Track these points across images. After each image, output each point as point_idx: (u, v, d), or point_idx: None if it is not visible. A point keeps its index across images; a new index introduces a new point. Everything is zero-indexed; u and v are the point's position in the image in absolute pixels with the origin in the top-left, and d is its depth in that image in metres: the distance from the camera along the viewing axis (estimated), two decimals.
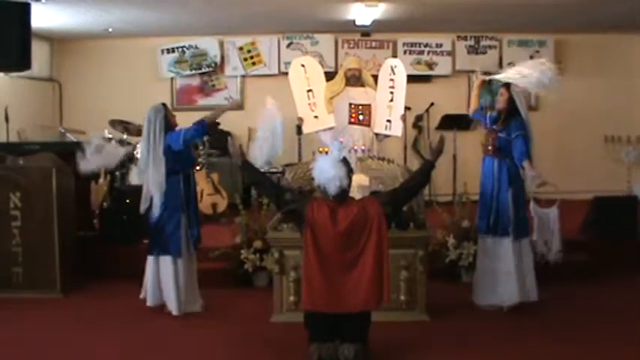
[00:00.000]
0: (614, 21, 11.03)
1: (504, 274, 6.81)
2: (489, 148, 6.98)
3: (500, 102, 6.97)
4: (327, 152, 6.35)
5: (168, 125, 6.82)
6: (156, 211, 6.82)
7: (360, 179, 6.90)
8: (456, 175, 11.36)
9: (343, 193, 5.39)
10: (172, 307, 6.90)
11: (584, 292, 7.58)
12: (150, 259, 7.00)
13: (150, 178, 6.76)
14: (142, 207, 6.89)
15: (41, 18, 9.67)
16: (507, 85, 6.95)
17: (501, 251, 6.85)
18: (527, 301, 6.83)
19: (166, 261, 6.90)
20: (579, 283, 7.84)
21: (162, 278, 6.93)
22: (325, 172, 5.35)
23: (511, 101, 6.84)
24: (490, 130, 7.02)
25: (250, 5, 9.86)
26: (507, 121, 6.84)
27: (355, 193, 6.21)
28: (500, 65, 12.18)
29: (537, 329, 6.40)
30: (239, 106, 11.93)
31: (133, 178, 9.42)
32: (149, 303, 7.02)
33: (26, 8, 8.51)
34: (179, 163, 6.82)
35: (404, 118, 8.26)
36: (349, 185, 5.45)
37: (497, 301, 6.89)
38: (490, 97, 12.08)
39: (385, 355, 5.77)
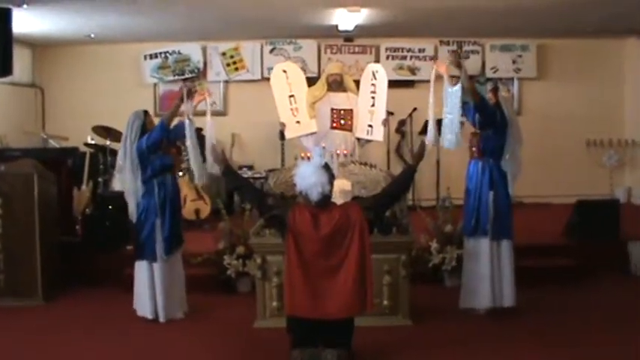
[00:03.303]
0: (596, 26, 11.11)
1: (481, 277, 6.83)
2: (473, 149, 7.01)
3: None
4: (308, 157, 6.35)
5: (145, 133, 6.82)
6: (133, 217, 6.85)
7: (342, 184, 6.89)
8: (439, 180, 11.38)
9: (325, 199, 5.38)
10: (147, 311, 6.89)
11: (568, 295, 7.61)
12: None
13: (126, 183, 6.80)
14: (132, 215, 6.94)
15: (23, 24, 9.62)
16: (495, 90, 6.99)
17: (480, 252, 6.86)
18: (502, 307, 6.83)
19: (142, 266, 6.90)
20: (562, 286, 7.87)
21: (139, 283, 6.93)
22: (307, 178, 5.34)
23: (498, 105, 6.86)
24: (474, 133, 7.05)
25: (233, 11, 9.86)
26: None
27: (337, 198, 6.21)
28: (483, 70, 12.28)
29: (523, 333, 6.41)
30: (221, 113, 12.03)
31: (116, 185, 9.38)
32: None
33: (7, 14, 8.47)
34: (150, 167, 6.81)
35: (385, 123, 8.26)
36: (331, 191, 5.45)
37: (475, 305, 6.91)
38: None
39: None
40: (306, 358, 5.38)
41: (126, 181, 6.83)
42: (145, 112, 6.99)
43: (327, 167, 5.45)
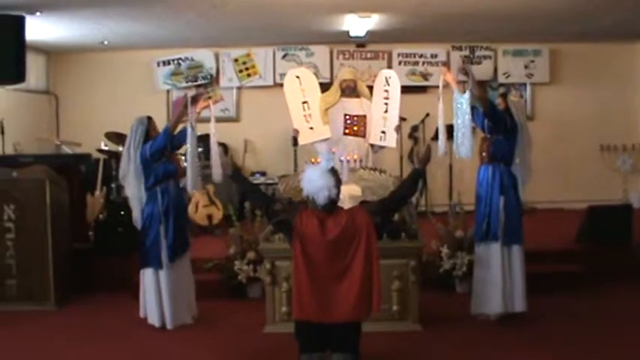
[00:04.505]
0: (608, 30, 11.06)
1: (493, 282, 6.81)
2: (484, 154, 7.01)
3: None
4: (318, 162, 6.35)
5: (149, 139, 6.85)
6: (137, 223, 6.87)
7: (351, 190, 6.90)
8: (452, 185, 11.36)
9: (332, 204, 5.37)
10: (154, 319, 6.89)
11: (580, 301, 7.58)
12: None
13: (130, 190, 6.83)
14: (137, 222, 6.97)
15: (37, 31, 9.68)
16: (504, 95, 6.99)
17: (491, 257, 6.85)
18: (513, 312, 6.82)
19: (148, 273, 6.90)
20: (575, 291, 7.83)
21: (145, 290, 6.93)
22: (314, 182, 5.33)
23: (507, 110, 6.85)
24: (484, 138, 7.05)
25: (245, 17, 9.88)
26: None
27: (347, 204, 6.20)
28: (496, 75, 12.25)
29: (534, 339, 6.38)
30: (234, 119, 12.08)
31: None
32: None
33: (21, 21, 8.53)
34: (154, 174, 6.83)
35: (398, 129, 8.24)
36: (338, 195, 5.44)
37: (486, 311, 6.89)
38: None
39: None
40: None
41: (130, 187, 6.87)
42: (149, 118, 7.01)
43: (333, 171, 5.44)
